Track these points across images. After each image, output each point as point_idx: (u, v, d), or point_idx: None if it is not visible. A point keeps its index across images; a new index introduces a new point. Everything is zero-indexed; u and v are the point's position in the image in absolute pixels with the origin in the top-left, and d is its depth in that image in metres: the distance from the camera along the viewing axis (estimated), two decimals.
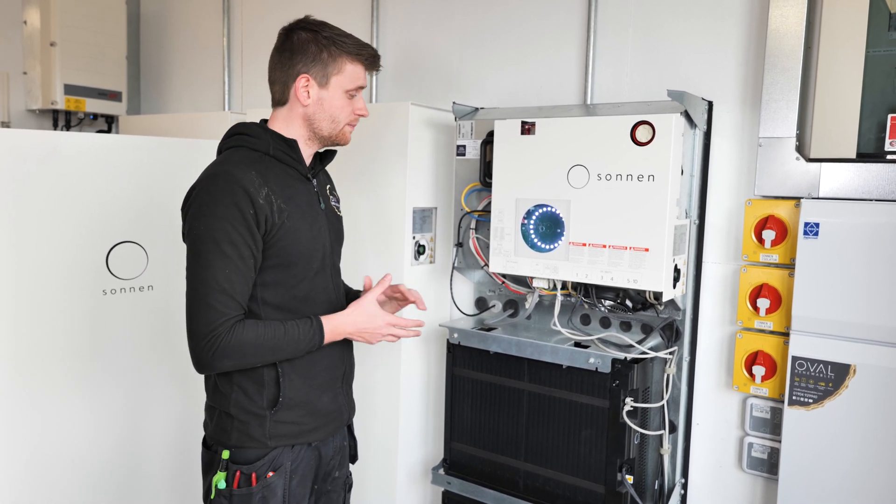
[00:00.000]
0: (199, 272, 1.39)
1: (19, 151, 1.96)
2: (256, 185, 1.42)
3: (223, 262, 1.38)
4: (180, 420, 2.40)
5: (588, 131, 1.83)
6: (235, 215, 1.39)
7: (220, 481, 1.48)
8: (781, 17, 1.83)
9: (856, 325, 1.73)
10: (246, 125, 1.55)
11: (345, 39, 1.53)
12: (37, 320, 2.02)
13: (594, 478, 1.87)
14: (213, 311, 1.37)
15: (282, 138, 1.53)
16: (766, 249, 1.88)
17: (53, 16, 2.96)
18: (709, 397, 2.06)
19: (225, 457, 1.49)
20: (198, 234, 1.40)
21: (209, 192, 1.41)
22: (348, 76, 1.54)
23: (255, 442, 1.49)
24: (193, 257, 1.41)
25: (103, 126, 3.34)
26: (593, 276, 1.84)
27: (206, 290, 1.38)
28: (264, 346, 1.41)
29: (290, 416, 1.52)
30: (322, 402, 1.57)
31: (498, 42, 2.40)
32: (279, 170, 1.51)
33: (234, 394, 1.50)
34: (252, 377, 1.49)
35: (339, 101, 1.54)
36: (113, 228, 2.18)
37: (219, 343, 1.36)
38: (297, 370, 1.52)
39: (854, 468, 1.75)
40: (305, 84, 1.51)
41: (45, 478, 2.08)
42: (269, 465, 1.49)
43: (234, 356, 1.39)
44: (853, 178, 1.75)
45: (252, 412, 1.49)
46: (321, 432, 1.58)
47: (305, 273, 1.52)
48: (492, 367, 2.04)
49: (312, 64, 1.51)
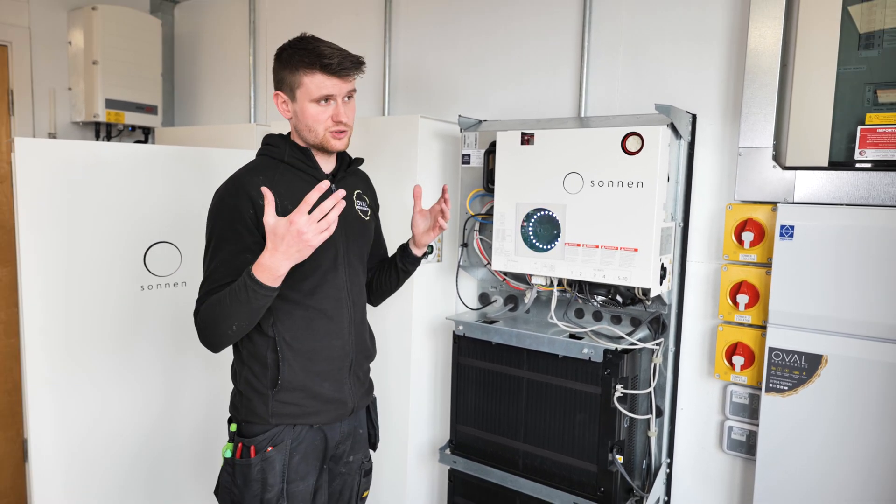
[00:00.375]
0: (204, 266, 1.48)
1: (66, 160, 1.98)
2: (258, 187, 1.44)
3: (216, 254, 1.45)
4: (207, 401, 2.42)
5: (582, 142, 1.83)
6: (234, 216, 1.43)
7: (226, 451, 1.51)
8: (760, 38, 1.82)
9: (827, 319, 1.73)
10: (272, 136, 1.59)
11: (302, 53, 1.46)
12: (82, 312, 2.04)
13: (587, 458, 1.87)
14: (199, 299, 1.45)
15: (297, 147, 1.55)
16: (746, 250, 1.88)
17: (96, 37, 2.98)
18: (692, 385, 2.06)
19: (233, 429, 1.53)
20: (208, 234, 1.48)
21: (219, 196, 1.48)
22: (308, 87, 1.47)
23: (258, 418, 1.51)
24: (204, 253, 1.49)
25: (140, 137, 3.35)
26: (587, 273, 1.84)
27: (203, 283, 1.46)
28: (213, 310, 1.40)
29: (290, 397, 1.51)
30: (323, 388, 1.55)
31: (500, 61, 2.40)
32: (292, 175, 1.53)
33: (244, 372, 1.53)
34: (257, 358, 1.52)
35: (310, 111, 1.49)
36: (150, 230, 2.19)
37: (196, 321, 1.45)
38: (297, 357, 1.52)
39: (824, 449, 1.75)
40: (282, 101, 1.54)
41: (95, 457, 2.10)
42: (269, 440, 1.50)
43: (204, 328, 1.44)
44: (825, 184, 1.75)
45: (257, 390, 1.51)
46: (323, 416, 1.56)
47: (313, 269, 1.52)
48: (494, 357, 2.05)
49: (281, 82, 1.53)
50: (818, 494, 1.76)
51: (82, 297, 2.03)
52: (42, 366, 1.96)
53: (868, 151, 1.70)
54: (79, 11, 3.03)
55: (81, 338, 2.04)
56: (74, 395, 2.04)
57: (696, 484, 2.08)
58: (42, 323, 1.95)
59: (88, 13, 2.98)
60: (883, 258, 1.65)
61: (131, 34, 3.09)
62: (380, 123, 2.27)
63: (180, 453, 2.36)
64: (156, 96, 3.24)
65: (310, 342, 1.53)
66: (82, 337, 2.04)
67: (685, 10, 2.01)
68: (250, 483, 1.47)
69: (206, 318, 1.42)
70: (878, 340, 1.67)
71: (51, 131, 3.08)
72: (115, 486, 2.16)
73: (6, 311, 2.87)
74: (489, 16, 2.41)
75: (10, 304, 2.86)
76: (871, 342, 1.68)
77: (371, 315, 2.27)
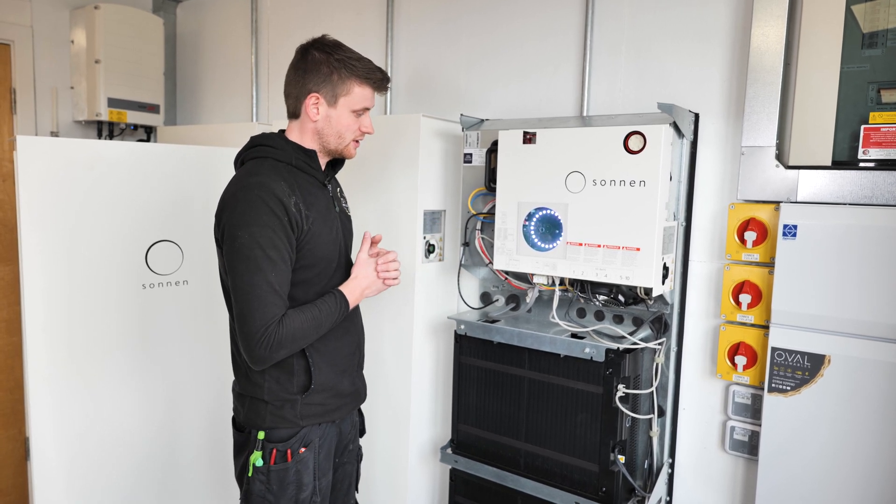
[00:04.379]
0: (250, 276, 1.38)
1: (68, 159, 1.98)
2: (287, 195, 1.42)
3: (271, 266, 1.39)
4: (213, 399, 2.42)
5: (584, 141, 1.82)
6: (275, 222, 1.39)
7: (257, 459, 1.49)
8: (763, 36, 1.82)
9: (830, 319, 1.72)
10: (268, 136, 1.55)
11: (355, 63, 1.51)
12: (84, 311, 2.04)
13: (589, 457, 1.87)
14: (265, 311, 1.37)
15: (302, 149, 1.54)
16: (748, 249, 1.87)
17: (98, 36, 2.99)
18: (694, 384, 2.06)
19: (261, 437, 1.51)
20: (243, 242, 1.38)
21: (248, 202, 1.40)
22: (356, 97, 1.53)
23: (287, 422, 1.51)
24: (241, 263, 1.39)
25: (143, 136, 3.36)
26: (589, 273, 1.83)
27: (259, 293, 1.37)
28: (310, 328, 1.44)
29: (319, 398, 1.54)
30: (343, 384, 1.60)
31: (501, 60, 2.40)
32: (301, 178, 1.51)
33: (267, 383, 1.51)
34: (283, 367, 1.51)
35: (345, 120, 1.54)
36: (151, 228, 2.19)
37: (274, 338, 1.38)
38: (325, 359, 1.55)
39: (827, 449, 1.74)
40: (315, 102, 1.51)
41: (95, 456, 2.10)
42: (300, 441, 1.51)
43: (287, 345, 1.41)
44: (828, 183, 1.75)
45: (284, 398, 1.51)
46: (343, 411, 1.62)
47: (326, 272, 1.54)
48: (495, 356, 2.04)
49: (323, 84, 1.50)
50: (821, 495, 1.76)
51: (84, 295, 2.03)
52: (44, 364, 1.97)
53: (871, 150, 1.70)
54: (81, 10, 3.03)
55: (83, 336, 2.04)
56: (76, 393, 2.04)
57: (699, 484, 2.07)
58: (44, 321, 1.96)
59: (91, 12, 2.98)
60: (886, 258, 1.64)
61: (134, 33, 3.10)
62: (382, 123, 2.27)
63: (185, 453, 2.36)
64: (158, 95, 3.25)
65: (333, 342, 1.57)
66: (84, 335, 2.04)
67: (688, 9, 2.01)
68: (286, 486, 1.49)
69: (298, 332, 1.42)
70: (881, 340, 1.66)
71: (53, 130, 3.08)
72: (117, 486, 2.16)
73: (8, 310, 2.87)
74: (491, 14, 2.41)
75: (12, 302, 2.86)
76: (874, 342, 1.67)
77: (372, 314, 2.28)
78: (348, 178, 2.30)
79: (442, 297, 2.35)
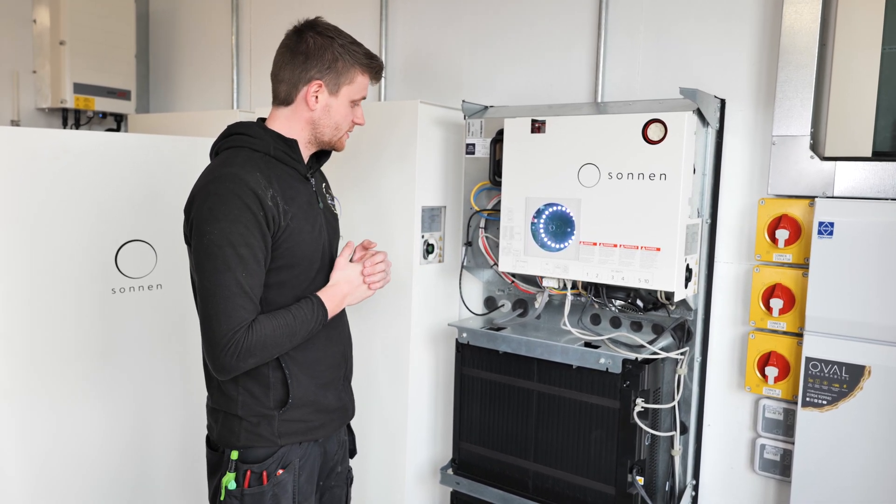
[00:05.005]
0: (217, 276, 1.37)
1: (29, 150, 1.97)
2: (263, 187, 1.42)
3: (241, 265, 1.38)
4: (187, 418, 2.41)
5: (599, 129, 1.82)
6: (248, 218, 1.38)
7: (229, 482, 1.48)
8: (796, 14, 1.81)
9: (871, 326, 1.72)
10: (245, 125, 1.54)
11: (356, 49, 1.55)
12: (47, 318, 2.03)
13: (604, 479, 1.86)
14: (233, 316, 1.36)
15: (282, 139, 1.53)
16: (780, 249, 1.87)
17: (63, 14, 2.98)
18: (720, 398, 2.05)
19: (234, 457, 1.49)
20: (211, 239, 1.38)
21: (219, 195, 1.39)
22: (357, 87, 1.57)
23: (264, 441, 1.49)
24: (209, 261, 1.38)
25: (112, 125, 3.36)
26: (604, 275, 1.83)
27: (226, 294, 1.36)
28: (282, 335, 1.43)
29: (298, 414, 1.53)
30: (328, 399, 1.59)
31: (508, 40, 2.39)
32: (281, 171, 1.51)
33: (240, 396, 1.50)
34: (257, 379, 1.50)
35: (343, 110, 1.57)
36: (122, 227, 2.18)
37: (241, 346, 1.36)
38: (304, 370, 1.53)
39: (868, 470, 1.73)
40: (317, 90, 1.52)
41: (59, 476, 2.09)
42: (278, 462, 1.50)
43: (257, 353, 1.39)
44: (869, 176, 1.74)
45: (261, 413, 1.50)
46: (328, 428, 1.60)
47: (308, 273, 1.53)
48: (501, 367, 2.04)
49: (328, 71, 1.52)
50: None
51: (47, 300, 2.02)
52: (2, 377, 1.96)
53: None
54: None
55: (46, 345, 2.03)
56: (38, 409, 2.03)
57: None
58: (2, 330, 1.95)
59: None
60: None
61: (102, 12, 3.09)
62: (376, 109, 2.26)
63: (157, 473, 2.36)
64: (129, 80, 3.24)
65: (313, 352, 1.56)
66: (47, 344, 2.04)
67: None
68: None
69: (269, 340, 1.40)
70: None
71: (13, 118, 3.08)
72: None
73: None
74: None
75: None
76: None
77: (366, 321, 2.27)
78: (338, 172, 2.29)
79: (442, 302, 2.34)
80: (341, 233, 2.28)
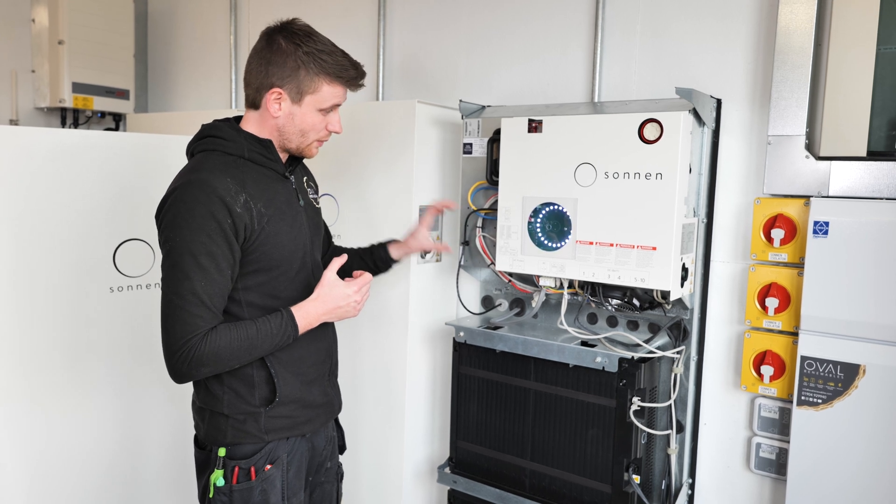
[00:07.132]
0: (175, 284, 1.36)
1: (28, 149, 1.97)
2: (233, 193, 1.39)
3: (200, 274, 1.36)
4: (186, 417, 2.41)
5: (595, 129, 1.82)
6: (212, 226, 1.36)
7: (218, 479, 1.48)
8: (791, 14, 1.82)
9: (866, 325, 1.72)
10: (217, 126, 1.51)
11: (325, 58, 1.47)
12: (45, 317, 2.03)
13: (601, 477, 1.87)
14: (187, 323, 1.35)
15: (256, 140, 1.50)
16: (775, 248, 1.87)
17: (62, 14, 2.98)
18: (716, 397, 2.06)
19: (221, 454, 1.50)
20: (173, 246, 1.37)
21: (185, 202, 1.37)
22: (324, 96, 1.49)
23: (251, 437, 1.50)
24: (170, 268, 1.38)
25: (111, 124, 3.35)
26: (600, 274, 1.83)
27: (181, 303, 1.35)
28: (240, 348, 1.40)
29: (285, 410, 1.53)
30: (313, 395, 1.59)
31: (505, 40, 2.39)
32: (256, 173, 1.48)
33: (226, 395, 1.50)
34: (242, 379, 1.50)
35: (310, 118, 1.51)
36: (120, 226, 2.18)
37: (193, 353, 1.35)
38: (288, 368, 1.53)
39: (863, 468, 1.74)
40: (277, 97, 1.48)
41: (53, 477, 2.09)
42: (266, 458, 1.50)
43: (209, 363, 1.38)
44: (864, 176, 1.74)
45: (247, 411, 1.50)
46: (314, 423, 1.60)
47: (287, 274, 1.52)
48: (498, 366, 2.04)
49: (288, 79, 1.47)
50: None
51: (45, 300, 2.02)
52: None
53: None
54: None
55: (41, 347, 2.03)
56: (33, 406, 2.03)
57: None
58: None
59: None
60: None
61: (101, 11, 3.09)
62: (373, 109, 2.26)
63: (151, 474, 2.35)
64: (128, 80, 3.24)
65: (298, 350, 1.55)
66: (42, 346, 2.03)
67: None
68: None
69: (224, 352, 1.38)
70: None
71: (12, 118, 3.08)
72: None
73: None
74: None
75: None
76: None
77: (363, 319, 2.27)
78: (336, 171, 2.30)
79: (439, 301, 2.35)
80: (336, 231, 2.30)
